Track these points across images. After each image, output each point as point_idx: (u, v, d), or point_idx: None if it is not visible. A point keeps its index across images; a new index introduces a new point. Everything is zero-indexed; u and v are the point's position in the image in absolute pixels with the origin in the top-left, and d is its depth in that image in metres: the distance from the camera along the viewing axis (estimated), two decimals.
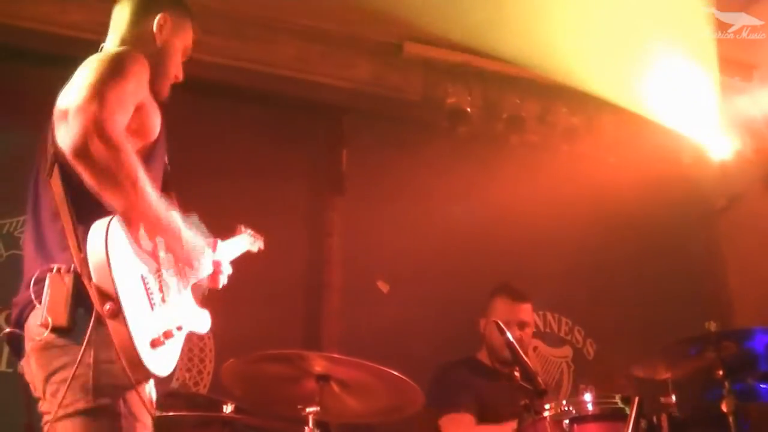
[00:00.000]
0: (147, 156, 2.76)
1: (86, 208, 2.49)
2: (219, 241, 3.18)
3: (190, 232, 2.81)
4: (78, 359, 2.39)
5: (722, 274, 6.85)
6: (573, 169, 6.19)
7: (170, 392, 4.09)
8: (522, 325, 4.88)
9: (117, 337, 2.34)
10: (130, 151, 2.49)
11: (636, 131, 6.10)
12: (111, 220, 2.42)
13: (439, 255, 5.92)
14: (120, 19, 3.09)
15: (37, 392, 2.61)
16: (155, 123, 2.84)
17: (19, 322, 2.60)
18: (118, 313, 2.33)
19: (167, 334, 2.52)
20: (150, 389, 2.65)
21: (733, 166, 6.32)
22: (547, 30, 5.25)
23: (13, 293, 2.71)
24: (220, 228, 3.14)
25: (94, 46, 3.10)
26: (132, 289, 2.43)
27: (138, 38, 3.03)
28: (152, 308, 2.51)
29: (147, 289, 2.51)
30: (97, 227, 2.41)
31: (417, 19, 5.53)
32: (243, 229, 3.57)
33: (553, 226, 6.08)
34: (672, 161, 6.40)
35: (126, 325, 2.33)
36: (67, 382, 2.40)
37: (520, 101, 6.05)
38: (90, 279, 2.37)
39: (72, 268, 2.45)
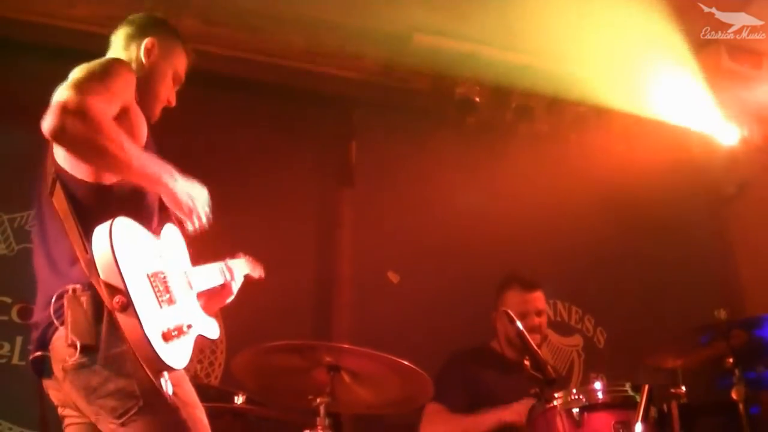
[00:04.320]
0: None
1: (91, 220, 2.52)
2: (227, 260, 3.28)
3: (188, 183, 2.82)
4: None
5: (732, 261, 6.82)
6: (582, 158, 6.18)
7: None
8: (539, 313, 4.89)
9: (129, 330, 2.37)
10: (110, 120, 2.55)
11: (644, 120, 6.09)
12: (113, 220, 2.46)
13: (449, 245, 5.91)
14: (114, 45, 3.18)
15: (68, 410, 2.70)
16: (142, 131, 2.87)
17: (43, 343, 2.61)
18: (128, 305, 2.36)
19: (179, 330, 2.54)
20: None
21: (742, 153, 6.32)
22: (555, 23, 5.26)
23: (24, 286, 2.72)
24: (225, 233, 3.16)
25: (100, 40, 3.14)
26: (140, 285, 2.46)
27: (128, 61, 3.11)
28: (160, 305, 2.53)
29: (154, 287, 2.54)
30: (101, 227, 2.45)
31: (425, 10, 5.53)
32: (242, 255, 3.61)
33: (562, 215, 6.07)
34: (681, 149, 6.40)
35: (137, 317, 2.36)
36: (113, 396, 2.46)
37: (528, 91, 6.04)
38: (98, 278, 2.40)
39: (87, 287, 2.48)
